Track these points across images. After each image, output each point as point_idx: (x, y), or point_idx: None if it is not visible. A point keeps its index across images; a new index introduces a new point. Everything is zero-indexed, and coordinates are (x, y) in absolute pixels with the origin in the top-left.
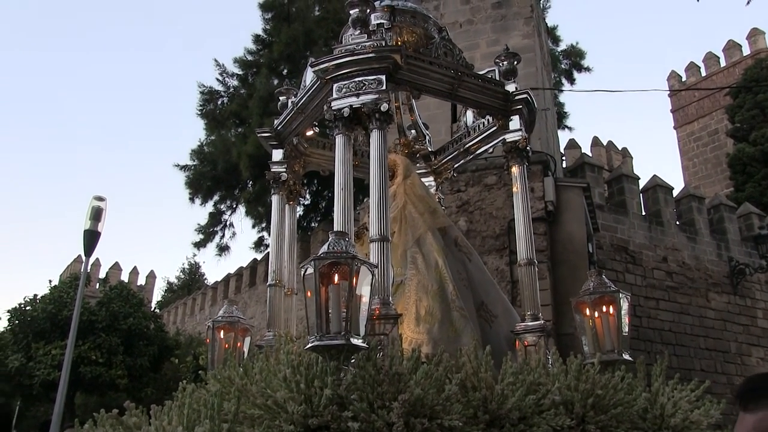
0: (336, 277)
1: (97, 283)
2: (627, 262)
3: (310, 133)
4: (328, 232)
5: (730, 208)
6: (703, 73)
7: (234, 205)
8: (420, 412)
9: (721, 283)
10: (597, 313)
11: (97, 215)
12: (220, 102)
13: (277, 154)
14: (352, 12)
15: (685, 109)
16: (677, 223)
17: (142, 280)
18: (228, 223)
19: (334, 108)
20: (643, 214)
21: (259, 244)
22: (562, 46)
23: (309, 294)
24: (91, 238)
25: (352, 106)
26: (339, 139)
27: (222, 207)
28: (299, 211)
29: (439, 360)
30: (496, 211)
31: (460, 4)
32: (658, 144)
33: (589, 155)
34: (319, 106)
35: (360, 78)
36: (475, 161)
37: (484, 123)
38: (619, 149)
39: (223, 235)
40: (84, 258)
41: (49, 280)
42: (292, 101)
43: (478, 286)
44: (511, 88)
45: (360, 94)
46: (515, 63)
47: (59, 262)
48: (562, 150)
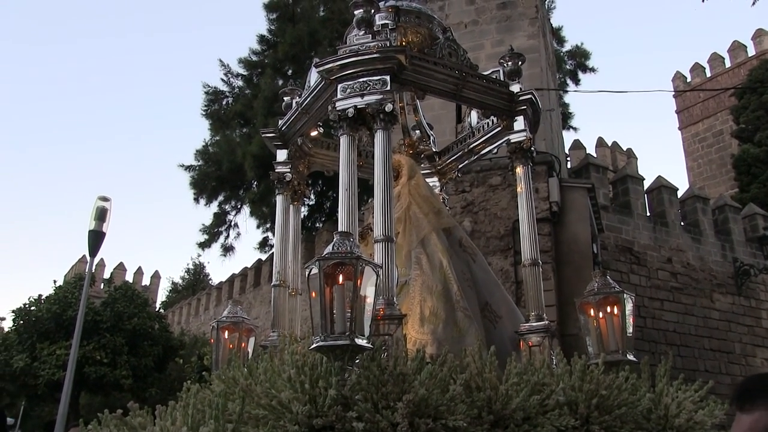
0: (340, 278)
1: (102, 284)
2: (631, 262)
3: (314, 133)
4: (333, 232)
5: (734, 209)
6: (708, 74)
7: (239, 206)
8: (424, 413)
9: (726, 284)
10: (601, 314)
11: (101, 215)
12: (224, 102)
13: (281, 155)
14: (356, 12)
15: (689, 110)
16: (682, 223)
17: (146, 281)
18: (233, 223)
19: (338, 108)
20: (648, 214)
21: (264, 245)
22: (567, 47)
23: (313, 294)
24: (95, 239)
25: (356, 106)
26: (343, 140)
27: (227, 207)
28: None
29: (444, 360)
30: (500, 211)
31: (465, 5)
32: (663, 145)
33: (594, 156)
34: (323, 106)
35: (364, 78)
36: (479, 162)
37: (488, 123)
38: (624, 150)
39: (227, 236)
40: (89, 258)
41: (54, 281)
42: (296, 102)
43: (482, 287)
44: (515, 88)
45: (364, 94)
46: (520, 63)
47: (64, 262)
48: (566, 150)
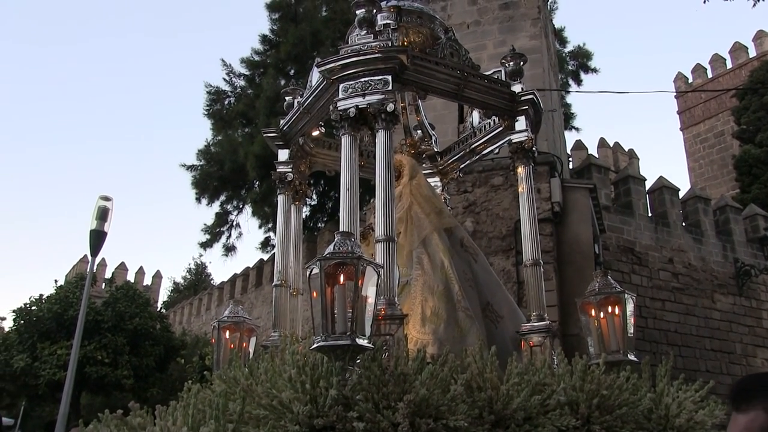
0: (342, 278)
1: (103, 283)
2: (633, 263)
3: (316, 133)
4: (334, 232)
5: (735, 210)
6: (710, 75)
7: (240, 206)
8: (425, 413)
9: (727, 285)
10: (602, 314)
11: (103, 215)
12: (227, 102)
13: (283, 154)
14: (358, 12)
15: (691, 111)
16: (683, 224)
17: (148, 280)
18: (234, 223)
19: (340, 108)
20: (650, 215)
21: (266, 245)
22: (569, 48)
23: (314, 294)
24: (97, 238)
25: (358, 106)
26: (345, 140)
27: (228, 207)
28: (305, 211)
29: (445, 360)
30: (502, 211)
31: (468, 5)
32: (665, 145)
33: (596, 156)
34: (325, 106)
35: (366, 78)
36: (481, 162)
37: (490, 123)
38: (626, 150)
39: (229, 236)
40: (90, 258)
41: (55, 280)
42: (298, 101)
43: (483, 287)
44: (517, 88)
45: (366, 94)
46: (521, 64)
47: (65, 261)
48: (568, 151)
